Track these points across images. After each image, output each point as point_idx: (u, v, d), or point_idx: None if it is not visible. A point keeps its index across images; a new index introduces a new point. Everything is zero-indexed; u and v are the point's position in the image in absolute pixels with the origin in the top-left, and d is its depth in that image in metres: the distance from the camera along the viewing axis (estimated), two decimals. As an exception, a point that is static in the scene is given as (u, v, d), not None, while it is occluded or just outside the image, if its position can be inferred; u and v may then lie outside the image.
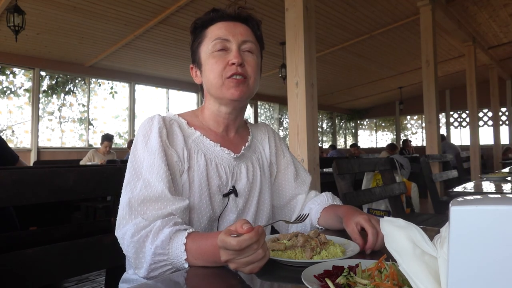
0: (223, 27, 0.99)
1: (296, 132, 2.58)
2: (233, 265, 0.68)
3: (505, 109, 11.08)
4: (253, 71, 0.99)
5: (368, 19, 6.66)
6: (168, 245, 0.79)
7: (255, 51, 1.01)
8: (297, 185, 1.16)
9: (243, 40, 0.99)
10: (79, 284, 2.85)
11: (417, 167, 4.99)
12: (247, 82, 0.98)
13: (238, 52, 0.97)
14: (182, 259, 0.78)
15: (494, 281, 0.36)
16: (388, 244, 0.52)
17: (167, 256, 0.79)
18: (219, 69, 0.97)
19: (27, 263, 0.91)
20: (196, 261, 0.78)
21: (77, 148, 7.85)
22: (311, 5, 2.63)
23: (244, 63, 0.98)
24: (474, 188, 2.22)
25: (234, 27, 1.00)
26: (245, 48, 0.99)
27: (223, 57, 0.97)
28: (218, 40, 0.97)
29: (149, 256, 0.79)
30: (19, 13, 4.39)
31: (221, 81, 0.97)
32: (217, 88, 0.98)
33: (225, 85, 0.97)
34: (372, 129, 15.23)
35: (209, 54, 0.98)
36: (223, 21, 1.00)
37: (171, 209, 0.85)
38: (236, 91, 0.96)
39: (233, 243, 0.65)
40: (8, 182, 0.91)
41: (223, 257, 0.68)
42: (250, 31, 1.02)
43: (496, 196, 0.41)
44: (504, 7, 6.42)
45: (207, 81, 1.00)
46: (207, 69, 0.99)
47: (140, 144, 0.93)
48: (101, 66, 7.79)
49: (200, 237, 0.79)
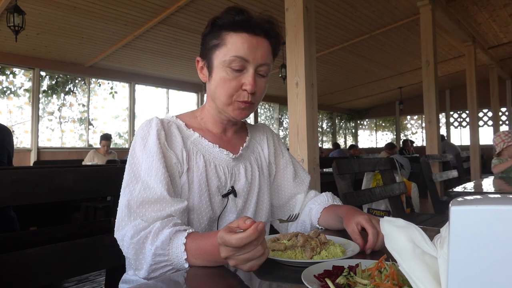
0: (246, 43, 0.93)
1: (296, 132, 2.58)
2: (233, 261, 0.68)
3: (505, 109, 11.08)
4: (260, 95, 0.99)
5: (368, 19, 6.65)
6: (168, 245, 0.79)
7: (268, 72, 0.99)
8: (296, 185, 1.16)
9: (261, 63, 0.95)
10: (79, 284, 2.85)
11: (417, 167, 5.00)
12: (253, 106, 0.98)
13: (254, 79, 0.94)
14: (182, 259, 0.78)
15: (494, 281, 0.36)
16: (388, 244, 0.52)
17: (167, 257, 0.79)
18: (231, 90, 0.94)
19: (27, 263, 0.91)
20: (196, 260, 0.78)
21: (77, 148, 7.85)
22: (311, 5, 2.63)
23: (256, 89, 0.95)
24: (474, 188, 2.22)
25: (256, 46, 0.94)
26: (260, 71, 0.96)
27: (237, 78, 0.94)
28: (237, 58, 0.93)
29: (149, 257, 0.79)
30: (19, 13, 4.39)
31: (229, 101, 0.96)
32: (223, 105, 0.97)
33: (232, 105, 0.96)
34: (372, 129, 15.23)
35: (224, 67, 0.94)
36: (247, 33, 0.94)
37: (170, 210, 0.85)
38: (241, 114, 0.98)
39: (233, 240, 0.64)
40: (8, 182, 0.91)
41: (223, 253, 0.68)
42: (270, 50, 0.98)
43: (496, 196, 0.41)
44: (504, 7, 6.42)
45: (214, 92, 0.98)
46: (217, 80, 0.96)
47: (138, 146, 0.93)
48: (101, 66, 7.79)
49: (199, 237, 0.79)
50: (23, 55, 6.81)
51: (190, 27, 6.12)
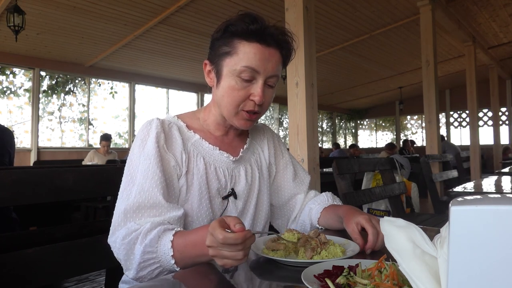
0: (258, 53, 0.91)
1: (296, 132, 2.58)
2: (212, 251, 0.70)
3: (505, 109, 11.08)
4: (267, 105, 0.98)
5: (368, 19, 6.65)
6: (156, 243, 0.80)
7: (276, 83, 0.98)
8: (296, 185, 1.16)
9: (270, 75, 0.95)
10: (79, 284, 2.85)
11: (417, 167, 4.99)
12: (259, 116, 0.98)
13: (263, 90, 0.93)
14: (169, 255, 0.79)
15: (494, 281, 0.36)
16: (388, 244, 0.52)
17: (155, 254, 0.80)
18: (238, 100, 0.94)
19: (27, 263, 0.91)
20: (182, 255, 0.78)
21: (77, 148, 7.85)
22: (311, 5, 2.63)
23: (263, 99, 0.94)
24: (474, 188, 2.22)
25: (268, 57, 0.93)
26: (269, 82, 0.96)
27: (246, 88, 0.93)
28: (248, 68, 0.91)
29: (139, 255, 0.80)
30: (19, 13, 4.39)
31: (236, 110, 0.95)
32: (229, 114, 0.97)
33: (239, 115, 0.96)
34: (372, 129, 15.23)
35: (234, 76, 0.93)
36: (259, 43, 0.92)
37: (165, 217, 0.86)
38: (246, 124, 0.98)
39: (220, 236, 0.67)
40: (8, 182, 0.91)
41: (208, 241, 0.70)
42: (280, 60, 0.97)
43: (496, 196, 0.41)
44: (504, 7, 6.42)
45: (220, 100, 0.97)
46: (225, 88, 0.95)
47: (137, 148, 0.93)
48: (101, 66, 7.79)
49: (187, 233, 0.81)
50: (23, 55, 6.81)
51: (190, 27, 6.12)
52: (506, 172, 3.44)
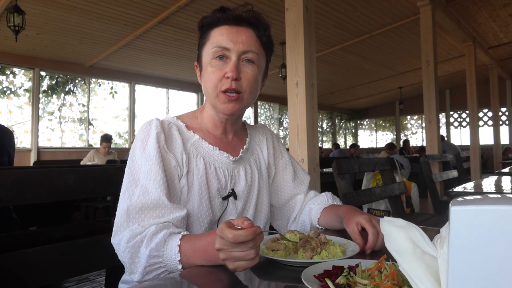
0: (225, 33, 0.95)
1: (296, 132, 2.58)
2: (223, 255, 0.69)
3: (505, 109, 11.09)
4: (249, 84, 0.96)
5: (368, 19, 6.66)
6: (162, 247, 0.79)
7: (257, 61, 0.97)
8: (296, 186, 1.16)
9: (244, 50, 0.95)
10: (79, 284, 2.85)
11: (417, 167, 5.00)
12: (241, 97, 0.96)
13: (236, 65, 0.93)
14: (176, 260, 0.78)
15: (494, 281, 0.36)
16: (388, 244, 0.52)
17: (161, 258, 0.79)
18: (215, 80, 0.95)
19: (27, 263, 0.91)
20: (189, 260, 0.78)
21: (77, 148, 7.85)
22: (311, 5, 2.63)
23: (241, 75, 0.94)
24: (474, 188, 2.22)
25: (237, 34, 0.95)
26: (245, 58, 0.95)
27: (221, 67, 0.94)
28: (218, 48, 0.94)
29: (144, 259, 0.79)
30: (19, 13, 4.39)
31: (215, 93, 0.95)
32: (212, 98, 0.97)
33: (219, 98, 0.95)
34: (372, 129, 15.23)
35: (209, 61, 0.96)
36: (227, 24, 0.96)
37: (169, 218, 0.85)
38: (228, 107, 0.96)
39: (230, 235, 0.66)
40: (8, 182, 0.91)
41: (217, 245, 0.69)
42: (254, 37, 0.97)
43: (496, 196, 0.41)
44: (504, 7, 6.42)
45: (204, 87, 0.99)
46: (205, 75, 0.97)
47: (138, 149, 0.93)
48: (101, 66, 7.79)
49: (194, 237, 0.80)
50: (23, 55, 6.82)
51: (190, 27, 6.12)
52: (506, 172, 3.44)
